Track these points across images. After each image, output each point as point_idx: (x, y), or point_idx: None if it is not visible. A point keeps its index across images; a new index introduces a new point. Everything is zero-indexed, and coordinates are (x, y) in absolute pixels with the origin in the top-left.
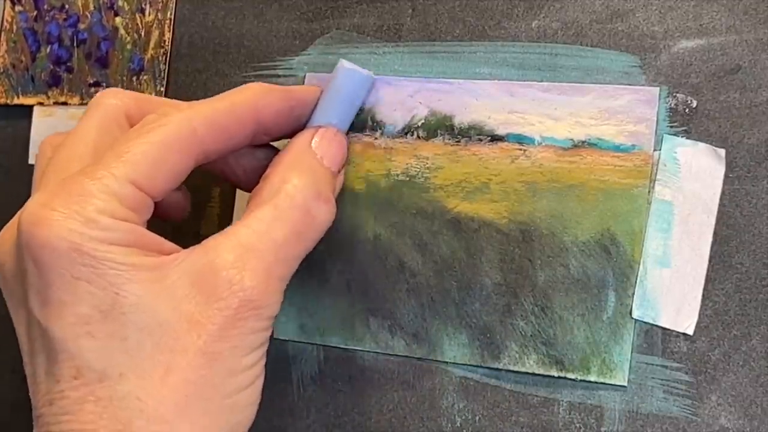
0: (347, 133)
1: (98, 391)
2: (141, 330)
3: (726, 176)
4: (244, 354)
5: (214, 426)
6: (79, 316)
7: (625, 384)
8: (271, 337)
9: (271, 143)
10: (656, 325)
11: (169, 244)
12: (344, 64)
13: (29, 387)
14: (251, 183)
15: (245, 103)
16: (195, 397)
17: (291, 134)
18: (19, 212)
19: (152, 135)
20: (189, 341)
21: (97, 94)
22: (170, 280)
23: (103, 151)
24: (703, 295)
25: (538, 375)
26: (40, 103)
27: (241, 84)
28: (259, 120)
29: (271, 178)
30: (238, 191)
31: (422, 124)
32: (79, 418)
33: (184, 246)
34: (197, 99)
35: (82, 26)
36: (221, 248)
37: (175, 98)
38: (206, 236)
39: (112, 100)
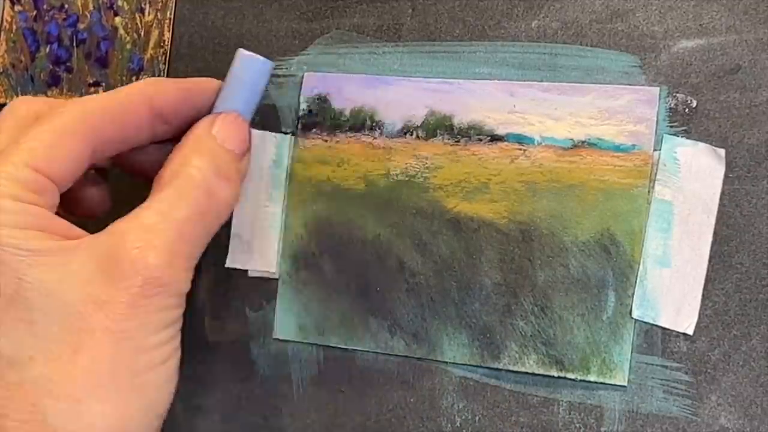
0: (252, 122)
1: (8, 376)
2: (47, 313)
3: (726, 176)
4: (153, 332)
5: (126, 404)
6: None
7: (625, 384)
8: (272, 337)
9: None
10: (656, 325)
11: (76, 230)
12: (242, 52)
13: None
14: None
15: (137, 90)
16: (105, 376)
17: (192, 124)
18: None
19: (46, 124)
20: (96, 321)
21: (10, 103)
22: (75, 263)
23: (7, 144)
24: (703, 295)
25: (538, 375)
26: None
27: None
28: (153, 106)
29: (172, 161)
30: None
31: (422, 124)
32: None
33: None
34: None
35: (81, 26)
36: (125, 230)
37: None
38: None
39: (21, 105)
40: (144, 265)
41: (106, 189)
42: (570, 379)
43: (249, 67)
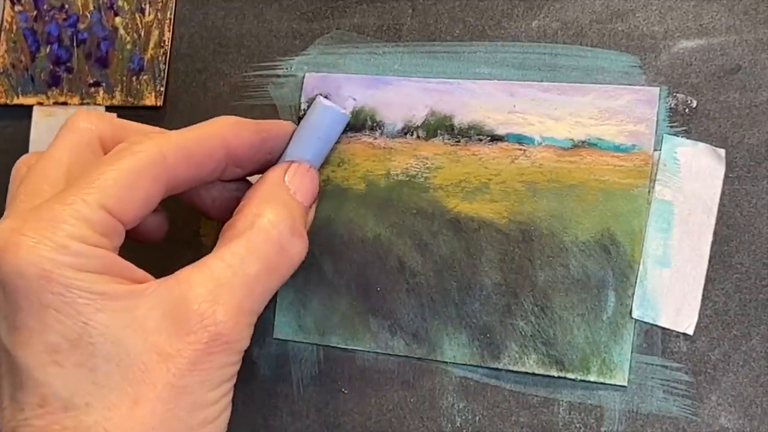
0: (320, 170)
1: (63, 421)
2: (109, 360)
3: (726, 176)
4: (212, 388)
5: None
6: (46, 344)
7: (625, 384)
8: (272, 337)
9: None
10: (656, 325)
11: (140, 272)
12: (322, 101)
13: None
14: (221, 214)
15: (215, 133)
16: (161, 430)
17: (263, 169)
18: None
19: (123, 162)
20: (158, 374)
21: (71, 117)
22: (141, 310)
23: (76, 176)
24: (703, 295)
25: (538, 375)
26: (40, 103)
27: (240, 84)
28: (229, 151)
29: (245, 211)
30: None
31: (422, 124)
32: None
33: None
34: (197, 99)
35: (81, 26)
36: (194, 281)
37: (175, 98)
38: (205, 236)
39: (85, 123)
40: (212, 321)
41: (165, 216)
42: (570, 379)
43: (327, 117)
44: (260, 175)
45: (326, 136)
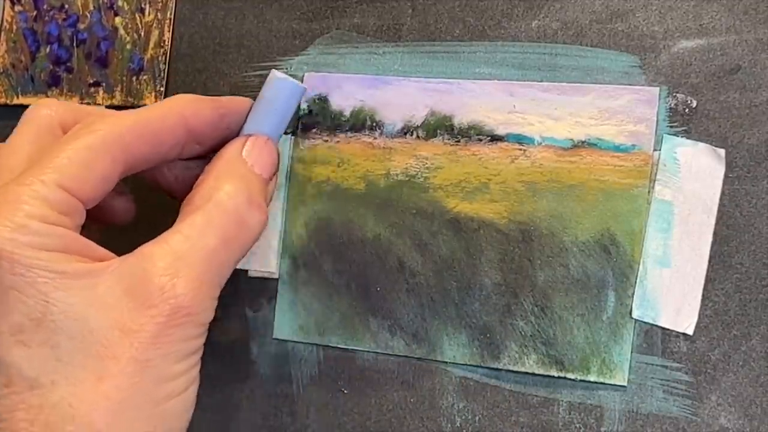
0: (287, 140)
1: (29, 399)
2: (72, 338)
3: (726, 176)
4: (176, 361)
5: None
6: (10, 325)
7: (625, 384)
8: (272, 337)
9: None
10: (656, 325)
11: (101, 250)
12: (276, 74)
13: None
14: (184, 192)
15: (172, 110)
16: (127, 404)
17: (223, 145)
18: None
19: (79, 141)
20: (121, 349)
21: (32, 106)
22: (102, 287)
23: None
24: (703, 295)
25: (538, 375)
26: None
27: (240, 84)
28: (188, 127)
29: (203, 185)
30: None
31: (422, 124)
32: (9, 426)
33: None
34: None
35: (81, 26)
36: (154, 255)
37: None
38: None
39: (45, 110)
40: (173, 294)
41: (131, 199)
42: (570, 379)
43: (281, 90)
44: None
45: (282, 109)
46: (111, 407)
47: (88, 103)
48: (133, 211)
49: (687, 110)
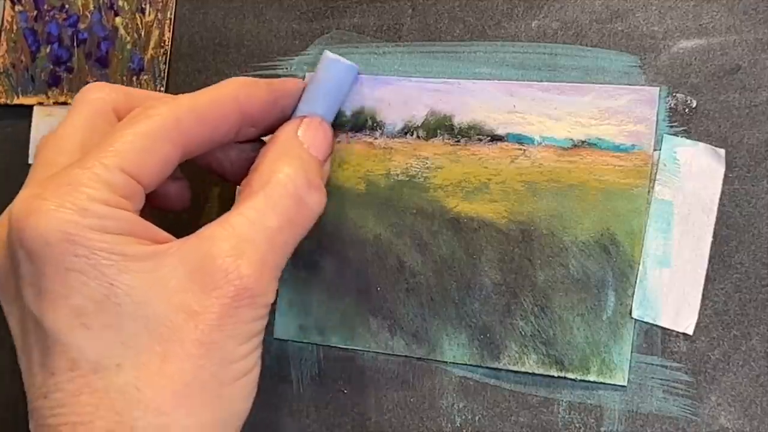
0: (334, 124)
1: (94, 383)
2: (136, 320)
3: (726, 176)
4: (240, 343)
5: (211, 415)
6: (73, 308)
7: (625, 384)
8: (272, 337)
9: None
10: (656, 325)
11: (163, 233)
12: (328, 54)
13: (24, 380)
14: (239, 175)
15: (228, 94)
16: (192, 387)
17: (277, 127)
18: (8, 208)
19: (139, 126)
20: (186, 331)
21: (83, 89)
22: (165, 269)
23: (91, 146)
24: (703, 295)
25: (538, 375)
26: (40, 103)
27: None
28: (243, 111)
29: (261, 168)
30: (238, 189)
31: (422, 124)
32: (74, 410)
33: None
34: None
35: (82, 26)
36: (216, 237)
37: None
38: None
39: (98, 94)
40: (237, 275)
41: (187, 184)
42: (570, 379)
43: (334, 70)
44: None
45: (336, 89)
46: (177, 390)
47: None
48: (188, 196)
49: (687, 110)
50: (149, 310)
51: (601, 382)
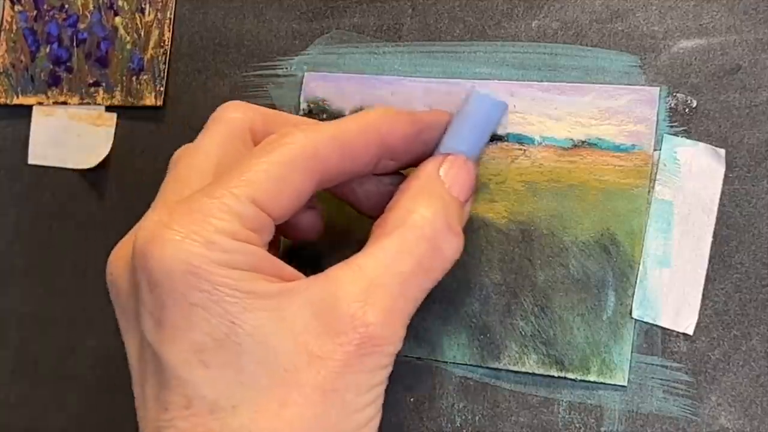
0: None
1: (209, 423)
2: (256, 361)
3: (726, 176)
4: (362, 392)
5: None
6: (192, 343)
7: (625, 384)
8: None
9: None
10: (656, 325)
11: (289, 269)
12: (477, 91)
13: (137, 410)
14: (374, 209)
15: (369, 125)
16: None
17: (418, 161)
18: (135, 227)
19: (274, 154)
20: (307, 376)
21: (221, 107)
22: (290, 310)
23: (225, 169)
24: (703, 295)
25: (538, 375)
26: (40, 103)
27: (240, 84)
28: (384, 143)
29: (397, 206)
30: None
31: None
32: None
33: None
34: (197, 99)
35: (81, 26)
36: (344, 279)
37: (175, 98)
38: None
39: (235, 113)
40: (363, 322)
41: (320, 213)
42: (570, 379)
43: (483, 106)
44: (414, 168)
45: (483, 126)
46: None
47: (88, 103)
48: (320, 226)
49: (687, 110)
50: (271, 351)
51: (601, 382)
